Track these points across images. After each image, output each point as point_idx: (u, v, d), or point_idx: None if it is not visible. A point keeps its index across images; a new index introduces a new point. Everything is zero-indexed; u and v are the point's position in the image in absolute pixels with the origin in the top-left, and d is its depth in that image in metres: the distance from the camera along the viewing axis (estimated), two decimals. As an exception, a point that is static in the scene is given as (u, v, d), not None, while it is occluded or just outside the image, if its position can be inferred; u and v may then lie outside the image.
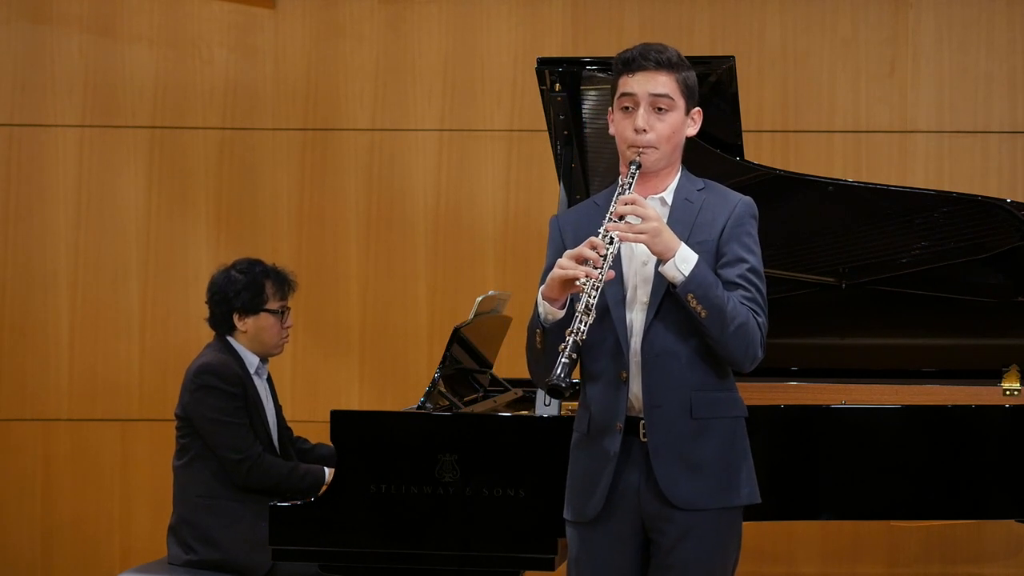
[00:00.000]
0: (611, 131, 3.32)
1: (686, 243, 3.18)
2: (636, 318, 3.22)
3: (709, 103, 4.36)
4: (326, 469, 4.54)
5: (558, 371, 3.03)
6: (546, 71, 4.21)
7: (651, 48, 3.25)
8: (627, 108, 3.25)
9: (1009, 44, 6.06)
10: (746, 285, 3.22)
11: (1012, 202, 4.49)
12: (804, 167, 5.51)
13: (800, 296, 4.74)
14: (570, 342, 3.05)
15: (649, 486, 3.20)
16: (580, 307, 3.07)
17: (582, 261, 3.09)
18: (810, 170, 5.06)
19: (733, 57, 4.31)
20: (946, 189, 5.59)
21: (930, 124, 6.05)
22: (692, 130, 3.32)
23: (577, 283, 3.09)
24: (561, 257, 3.16)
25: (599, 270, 3.08)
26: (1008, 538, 6.00)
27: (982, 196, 4.55)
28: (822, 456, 4.13)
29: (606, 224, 3.13)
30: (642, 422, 3.20)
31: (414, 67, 6.19)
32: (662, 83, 3.24)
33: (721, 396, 3.26)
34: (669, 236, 3.14)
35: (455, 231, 6.16)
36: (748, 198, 3.31)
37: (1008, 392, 4.66)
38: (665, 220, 3.22)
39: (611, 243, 3.11)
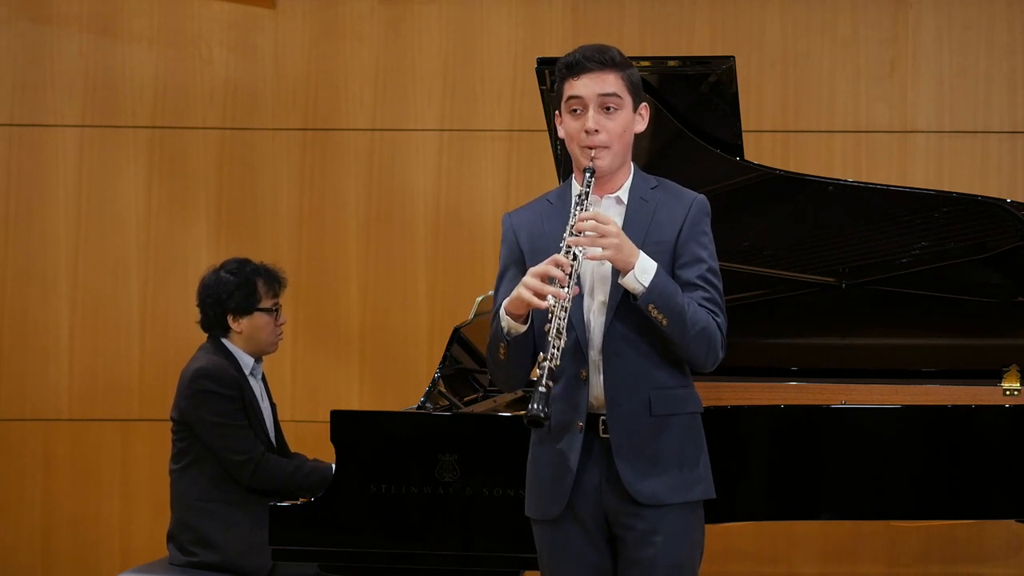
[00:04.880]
0: (560, 134, 3.33)
1: (643, 243, 3.20)
2: (595, 317, 3.23)
3: (709, 103, 4.38)
4: (334, 465, 4.53)
5: (538, 404, 3.02)
6: (546, 71, 4.21)
7: (594, 49, 3.27)
8: (576, 111, 3.26)
9: (1009, 44, 6.05)
10: (705, 286, 3.24)
11: (1012, 202, 4.49)
12: (804, 167, 5.51)
13: (800, 296, 4.74)
14: (546, 370, 3.05)
15: (611, 482, 3.21)
16: (551, 332, 3.06)
17: (547, 279, 3.10)
18: (810, 170, 5.07)
19: (733, 57, 4.31)
20: (946, 189, 5.59)
21: (930, 124, 6.05)
22: (640, 126, 3.33)
23: (546, 303, 3.09)
24: (525, 274, 3.17)
25: (566, 289, 3.08)
26: (1008, 538, 6.00)
27: (982, 196, 4.55)
28: (822, 456, 4.13)
29: (567, 239, 3.13)
30: (602, 419, 3.21)
31: (414, 67, 6.19)
32: (609, 82, 3.25)
33: (679, 393, 3.27)
34: (629, 248, 3.15)
35: (455, 231, 6.16)
36: (702, 196, 3.32)
37: (1008, 392, 4.66)
38: (621, 220, 3.25)
39: (575, 259, 3.12)
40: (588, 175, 3.21)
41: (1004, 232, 4.53)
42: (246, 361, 4.64)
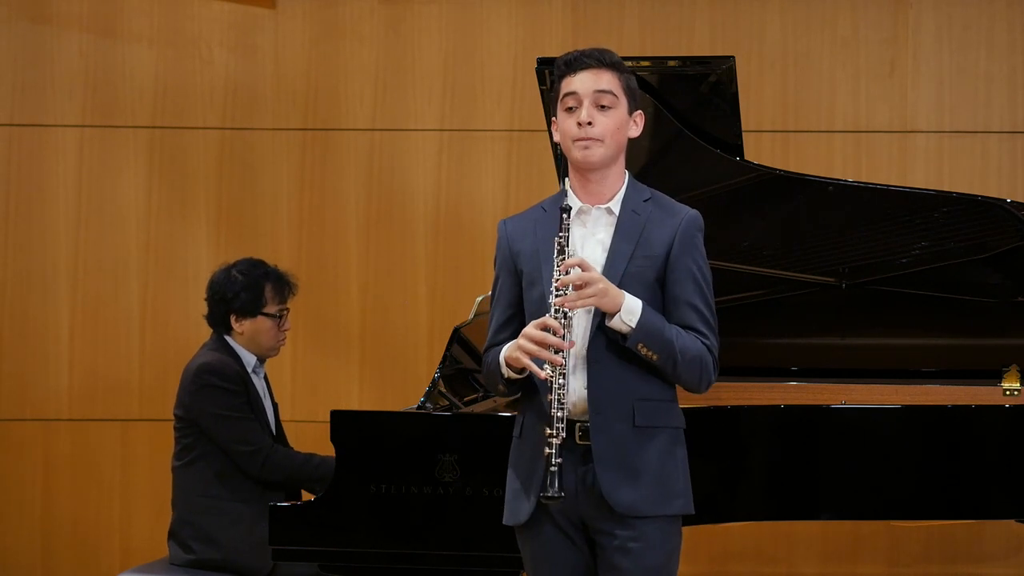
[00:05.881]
0: (555, 138, 3.34)
1: (632, 256, 3.21)
2: (578, 324, 3.22)
3: (709, 103, 4.38)
4: None
5: (552, 489, 3.08)
6: (546, 71, 4.21)
7: (593, 49, 3.29)
8: (571, 108, 3.26)
9: (1009, 44, 6.06)
10: (698, 305, 3.24)
11: (1012, 202, 4.50)
12: (804, 167, 5.51)
13: (800, 296, 4.74)
14: (555, 448, 3.09)
15: (587, 488, 3.21)
16: (553, 402, 3.11)
17: (541, 342, 3.12)
18: (810, 170, 5.06)
19: (733, 57, 4.31)
20: (946, 189, 5.59)
21: (930, 124, 6.06)
22: (634, 132, 3.33)
23: (543, 372, 3.12)
24: (516, 283, 3.28)
25: (562, 354, 3.12)
26: (1008, 538, 6.00)
27: (982, 196, 4.55)
28: (822, 456, 4.13)
29: (553, 299, 3.14)
30: (579, 424, 3.20)
31: (414, 67, 6.19)
32: (606, 80, 3.26)
33: (663, 406, 3.26)
34: (614, 292, 3.16)
35: (455, 231, 6.16)
36: (694, 211, 3.31)
37: (1008, 392, 4.66)
38: (611, 231, 3.25)
39: (565, 317, 3.14)
40: (565, 216, 3.20)
41: (1004, 232, 4.53)
42: (249, 359, 4.63)
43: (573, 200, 3.28)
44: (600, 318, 3.20)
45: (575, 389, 3.21)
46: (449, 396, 4.38)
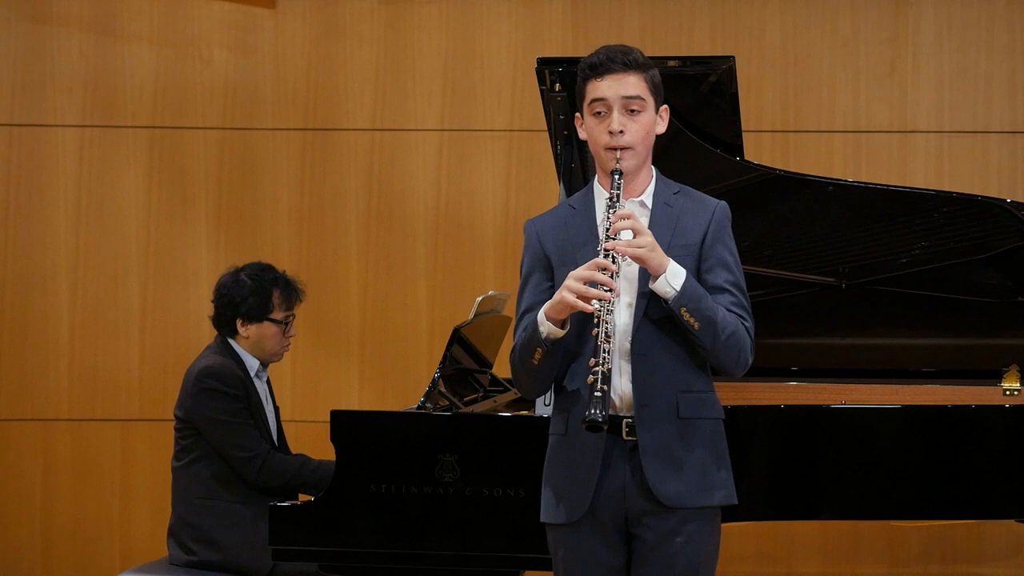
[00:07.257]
0: (582, 136, 3.34)
1: (668, 247, 3.22)
2: (619, 318, 3.23)
3: (709, 103, 4.38)
4: None
5: (595, 410, 3.04)
6: (546, 71, 4.21)
7: (617, 50, 3.28)
8: (599, 113, 3.27)
9: (1009, 44, 6.06)
10: (732, 290, 3.26)
11: (1012, 202, 4.49)
12: (804, 167, 5.51)
13: (800, 296, 4.75)
14: (599, 375, 3.07)
15: (635, 484, 3.21)
16: (600, 335, 3.09)
17: (589, 282, 3.11)
18: (810, 170, 5.07)
19: (733, 57, 4.31)
20: (946, 189, 5.59)
21: (930, 124, 6.06)
22: (660, 127, 3.35)
23: (591, 306, 3.10)
24: (551, 279, 3.25)
25: (612, 292, 3.11)
26: (1008, 538, 6.00)
27: (982, 196, 4.55)
28: (822, 456, 4.13)
29: (604, 243, 3.15)
30: (625, 420, 3.22)
31: (414, 67, 6.19)
32: (632, 84, 3.26)
33: (704, 397, 3.28)
34: (661, 252, 3.18)
35: (455, 231, 6.16)
36: (723, 203, 3.34)
37: (1008, 392, 4.66)
38: (646, 223, 3.26)
39: (613, 260, 3.14)
40: (617, 177, 3.22)
41: (1004, 232, 4.53)
42: (252, 363, 4.63)
43: (600, 193, 3.30)
44: (643, 311, 3.21)
45: (620, 385, 3.22)
46: (449, 396, 4.38)
